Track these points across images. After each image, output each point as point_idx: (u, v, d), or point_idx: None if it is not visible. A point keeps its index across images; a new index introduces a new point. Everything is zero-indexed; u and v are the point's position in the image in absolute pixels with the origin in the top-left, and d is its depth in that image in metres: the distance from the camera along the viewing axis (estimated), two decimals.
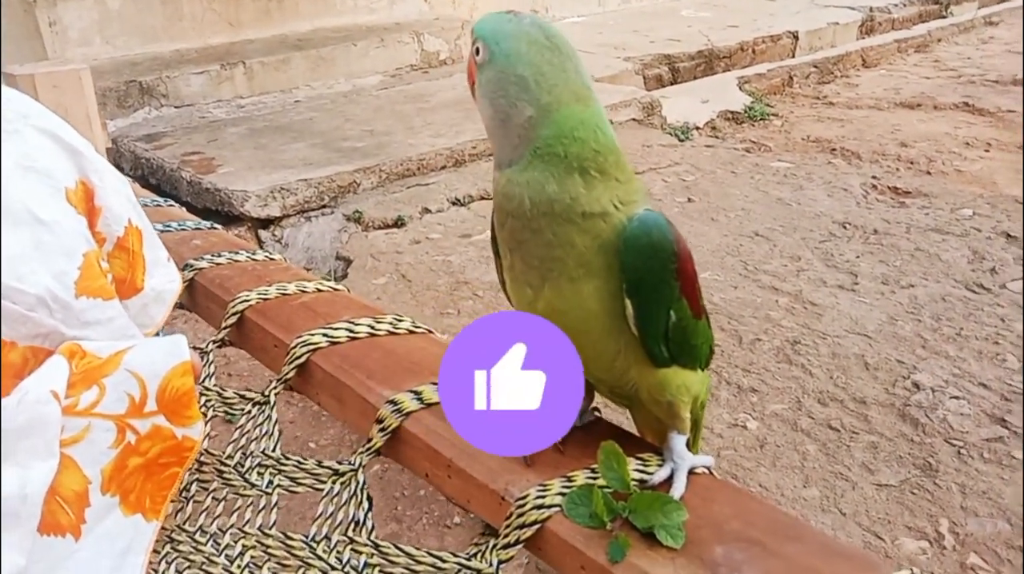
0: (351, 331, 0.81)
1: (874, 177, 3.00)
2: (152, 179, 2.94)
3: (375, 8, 4.14)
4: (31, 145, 0.71)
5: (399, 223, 2.66)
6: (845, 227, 2.57)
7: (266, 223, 2.62)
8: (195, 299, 1.00)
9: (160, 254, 0.84)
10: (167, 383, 0.64)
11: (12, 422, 0.56)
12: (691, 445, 0.65)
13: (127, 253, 0.79)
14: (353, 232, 2.65)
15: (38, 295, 0.64)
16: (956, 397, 1.72)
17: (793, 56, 5.05)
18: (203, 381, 0.86)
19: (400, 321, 0.84)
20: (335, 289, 0.94)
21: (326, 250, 2.63)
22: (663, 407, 0.60)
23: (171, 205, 1.24)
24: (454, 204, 2.80)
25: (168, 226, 1.12)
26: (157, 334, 0.84)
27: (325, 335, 0.81)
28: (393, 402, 0.69)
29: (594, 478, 0.59)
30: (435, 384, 0.71)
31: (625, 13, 5.71)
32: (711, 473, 0.62)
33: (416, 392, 0.70)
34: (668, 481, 0.59)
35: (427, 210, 2.74)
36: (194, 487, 0.73)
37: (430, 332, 0.84)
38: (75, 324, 0.67)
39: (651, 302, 0.55)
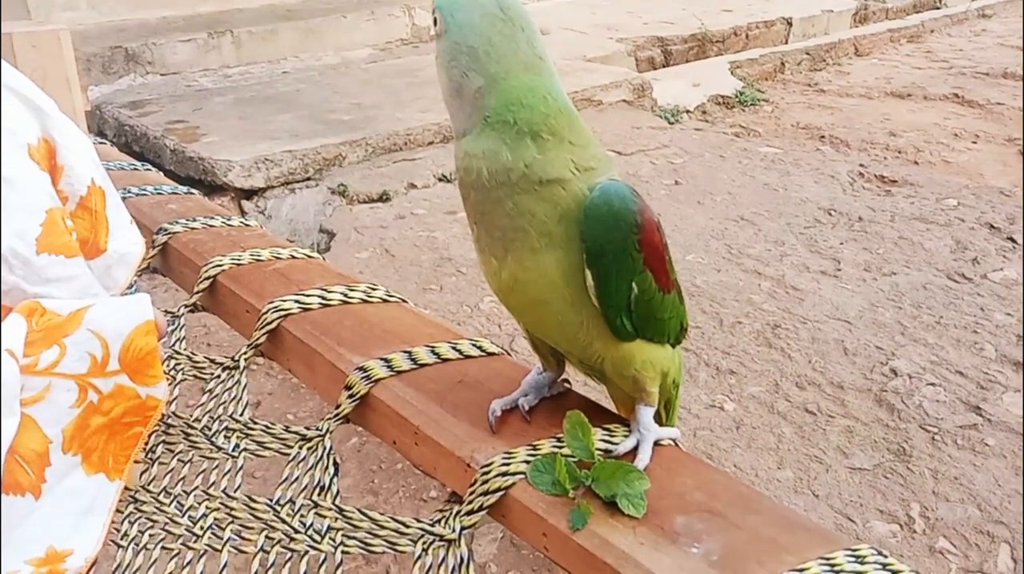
0: (323, 298, 0.81)
1: (861, 165, 3.01)
2: (136, 146, 2.91)
3: None
4: None
5: (384, 198, 2.65)
6: (830, 214, 2.57)
7: (249, 194, 2.60)
8: (168, 263, 0.99)
9: (123, 216, 0.83)
10: (130, 342, 0.63)
11: None
12: (665, 421, 0.65)
13: (90, 213, 0.77)
14: (337, 205, 2.63)
15: None
16: (932, 384, 1.73)
17: (786, 42, 5.04)
18: (173, 345, 0.85)
19: (374, 290, 0.84)
20: (310, 257, 0.93)
21: (309, 223, 2.61)
22: (628, 381, 0.59)
23: (148, 169, 1.23)
24: (440, 180, 2.78)
25: (144, 190, 1.11)
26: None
27: (297, 302, 0.80)
28: (362, 369, 0.69)
29: (560, 447, 0.59)
30: (406, 352, 0.71)
31: None
32: (677, 445, 0.62)
33: (386, 359, 0.70)
34: (634, 452, 0.59)
35: (413, 185, 2.73)
36: (160, 449, 0.72)
37: (404, 301, 0.83)
38: (36, 281, 0.66)
39: (612, 273, 0.54)
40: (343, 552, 0.60)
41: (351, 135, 2.80)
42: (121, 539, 0.66)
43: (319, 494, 0.64)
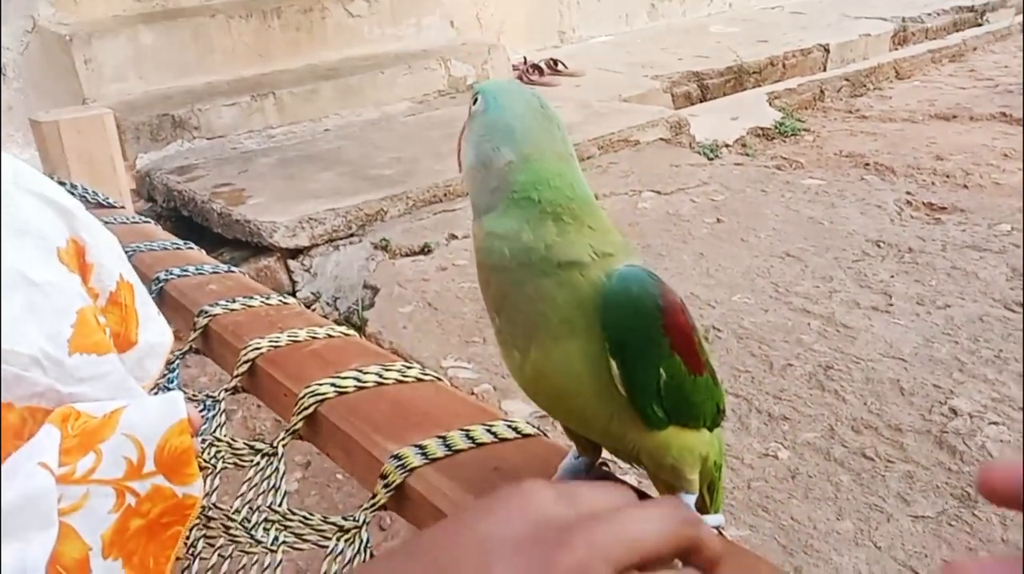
0: (359, 380, 0.81)
1: (908, 193, 2.94)
2: (184, 211, 2.99)
3: (402, 36, 4.18)
4: (22, 207, 0.71)
5: (426, 250, 2.67)
6: (879, 246, 2.52)
7: (295, 253, 2.65)
8: (210, 345, 1.00)
9: (150, 308, 0.84)
10: (165, 442, 0.64)
11: (6, 501, 0.56)
12: (709, 505, 0.63)
13: (120, 307, 0.79)
14: (380, 260, 2.66)
15: (31, 355, 0.65)
16: (995, 423, 1.66)
17: (824, 70, 5.00)
18: (214, 431, 0.86)
19: (409, 368, 0.83)
20: (346, 334, 0.94)
21: (354, 279, 2.64)
22: (667, 470, 0.58)
23: (190, 247, 1.25)
24: None
25: (185, 270, 1.13)
26: (154, 387, 0.84)
27: (333, 385, 0.80)
28: (397, 457, 0.69)
29: None
30: (440, 437, 0.70)
31: (652, 31, 5.70)
32: (721, 533, 0.60)
33: (421, 446, 0.69)
34: None
35: (453, 236, 2.75)
36: (200, 544, 0.72)
37: (438, 380, 0.83)
38: (70, 381, 0.67)
39: (637, 362, 0.53)
40: None
41: (392, 190, 2.84)
42: None
43: None
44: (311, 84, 3.60)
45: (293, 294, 2.64)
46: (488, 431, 0.71)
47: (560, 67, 4.53)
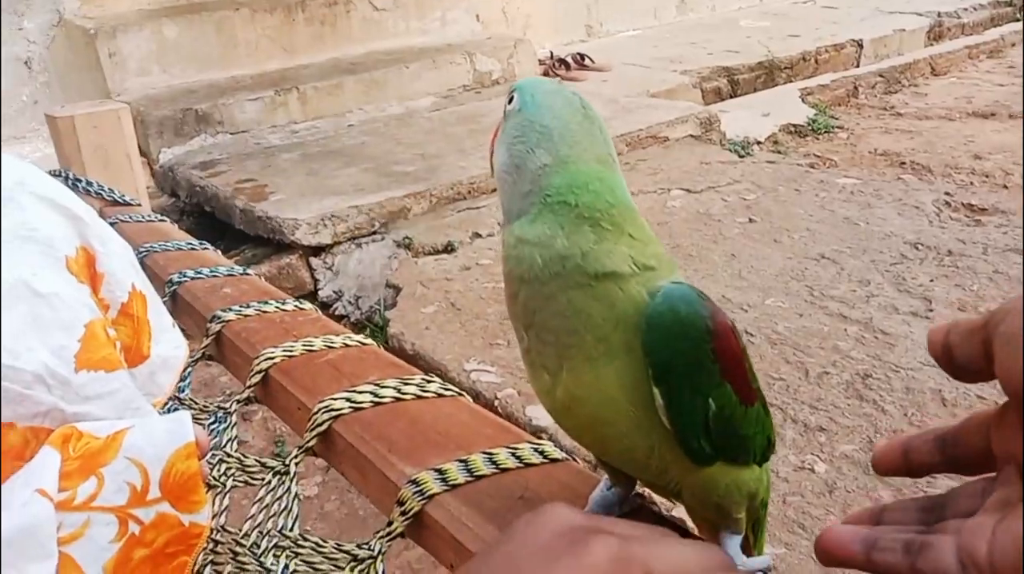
0: (375, 395, 0.76)
1: (947, 193, 2.85)
2: (207, 207, 2.96)
3: (427, 30, 4.13)
4: (29, 213, 0.67)
5: (449, 248, 2.62)
6: (917, 248, 2.43)
7: (317, 250, 2.61)
8: (223, 352, 0.96)
9: (165, 319, 0.80)
10: (171, 467, 0.59)
11: (3, 530, 0.51)
12: (753, 545, 0.58)
13: (131, 319, 0.75)
14: (403, 258, 2.62)
15: (35, 372, 0.61)
16: None
17: (858, 65, 4.88)
18: (225, 445, 0.82)
19: (428, 382, 0.78)
20: (363, 343, 0.89)
21: (376, 277, 2.60)
22: (711, 509, 0.52)
23: (205, 247, 1.21)
24: None
25: (200, 273, 1.09)
26: (166, 402, 0.80)
27: (348, 400, 0.75)
28: (415, 482, 0.63)
29: None
30: (462, 461, 0.65)
31: (682, 25, 5.61)
32: None
33: (440, 471, 0.64)
34: None
35: (477, 234, 2.70)
36: (208, 571, 0.68)
37: (460, 395, 0.78)
38: (75, 400, 0.63)
39: (684, 390, 0.47)
40: None
41: (415, 187, 2.79)
42: None
43: None
44: (335, 78, 3.57)
45: (315, 292, 2.61)
46: (513, 455, 0.66)
47: (587, 62, 4.46)
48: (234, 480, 0.77)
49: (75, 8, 3.53)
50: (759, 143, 3.55)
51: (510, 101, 0.54)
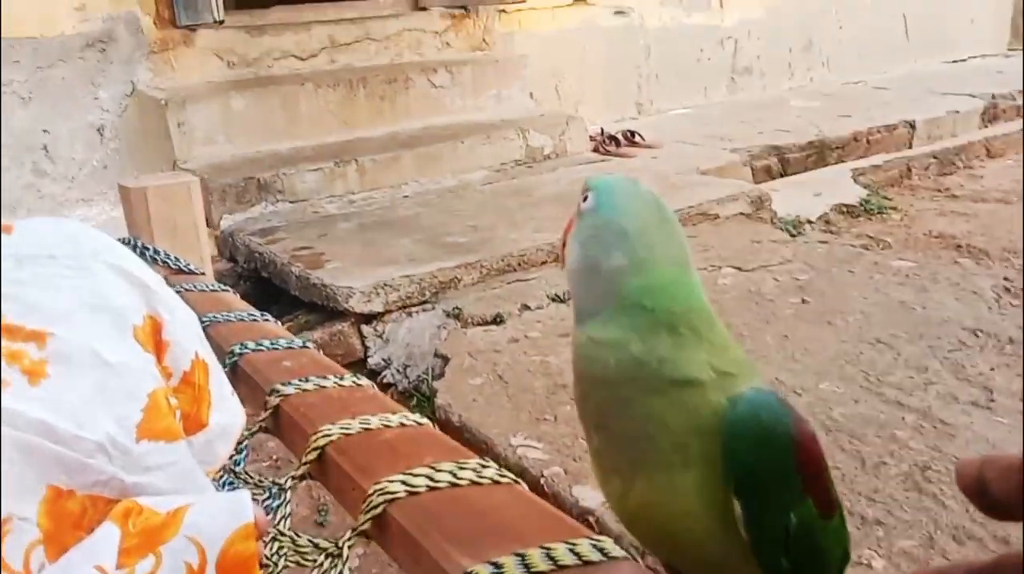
0: (431, 479, 0.76)
1: (1006, 278, 2.79)
2: (264, 272, 3.03)
3: (482, 106, 4.23)
4: (101, 282, 0.69)
5: (498, 320, 2.63)
6: (976, 335, 2.37)
7: (369, 318, 2.65)
8: (280, 427, 0.97)
9: (225, 388, 0.81)
10: (229, 547, 0.60)
11: None
12: None
13: (193, 387, 0.76)
14: (452, 329, 2.63)
15: (98, 442, 0.62)
16: None
17: (910, 146, 4.86)
18: (278, 523, 0.82)
19: (484, 467, 0.78)
20: (419, 423, 0.89)
21: (425, 347, 2.62)
22: None
23: (266, 319, 1.23)
24: (554, 301, 2.75)
25: (260, 345, 1.11)
26: (220, 473, 0.80)
27: (404, 483, 0.75)
28: None
29: None
30: (518, 555, 0.64)
31: (731, 104, 5.67)
32: None
33: (497, 565, 0.63)
34: None
35: (527, 306, 2.71)
36: None
37: (516, 482, 0.77)
38: (135, 470, 0.64)
39: (766, 504, 0.46)
40: None
41: (466, 258, 2.83)
42: None
43: None
44: (392, 151, 3.66)
45: (364, 360, 2.63)
46: (571, 551, 0.65)
47: (637, 139, 4.51)
48: (286, 560, 0.77)
49: (148, 80, 3.70)
50: (811, 222, 3.53)
51: (585, 199, 0.54)
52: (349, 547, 0.75)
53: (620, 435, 0.49)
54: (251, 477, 0.93)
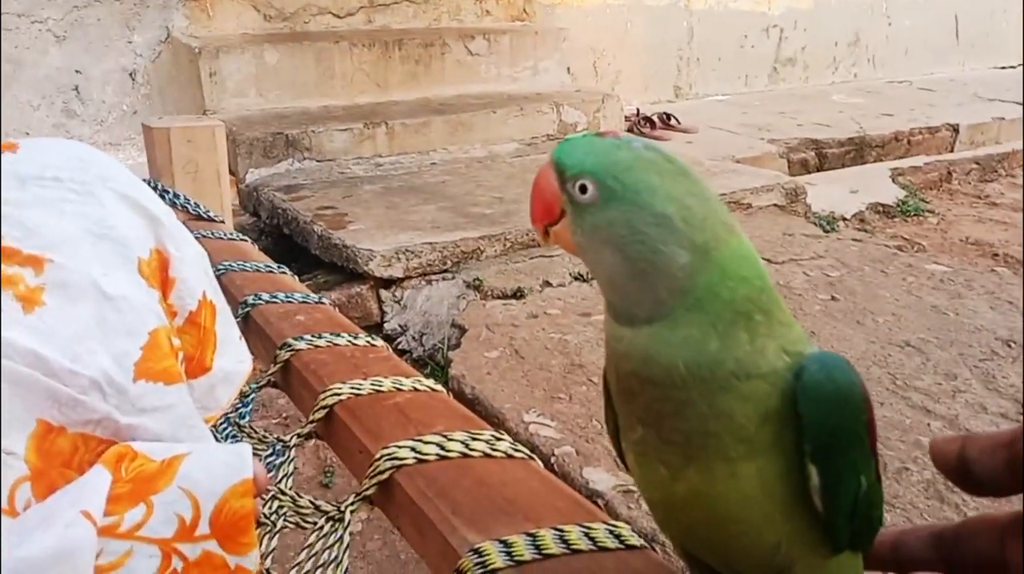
0: (442, 448, 0.72)
1: None
2: (286, 229, 3.00)
3: (518, 78, 4.17)
4: (108, 210, 0.65)
5: (518, 294, 2.59)
6: (1010, 346, 2.30)
7: (388, 283, 2.61)
8: (289, 382, 0.94)
9: (232, 332, 0.77)
10: (224, 503, 0.56)
11: (39, 549, 0.48)
12: None
13: (198, 329, 0.72)
14: (471, 299, 2.59)
15: (92, 378, 0.58)
16: None
17: (952, 150, 4.74)
18: (280, 481, 0.79)
19: (498, 440, 0.74)
20: (433, 389, 0.85)
21: (443, 316, 2.58)
22: None
23: (283, 271, 1.20)
24: (576, 279, 2.70)
25: (275, 297, 1.07)
26: (221, 420, 0.77)
27: (413, 450, 0.71)
28: (477, 552, 0.59)
29: None
30: (529, 535, 0.60)
31: (772, 94, 5.56)
32: None
33: (505, 543, 0.59)
34: None
35: (548, 283, 2.66)
36: None
37: (530, 458, 0.73)
38: (130, 410, 0.60)
39: (842, 466, 0.43)
40: None
41: (490, 229, 2.78)
42: None
43: None
44: (423, 117, 3.61)
45: (380, 324, 2.60)
46: (586, 535, 0.60)
47: (673, 122, 4.43)
48: (285, 520, 0.74)
49: (183, 27, 3.67)
50: (845, 220, 3.45)
51: (582, 191, 0.44)
52: (351, 512, 0.71)
53: (675, 430, 0.44)
54: (255, 432, 0.89)
